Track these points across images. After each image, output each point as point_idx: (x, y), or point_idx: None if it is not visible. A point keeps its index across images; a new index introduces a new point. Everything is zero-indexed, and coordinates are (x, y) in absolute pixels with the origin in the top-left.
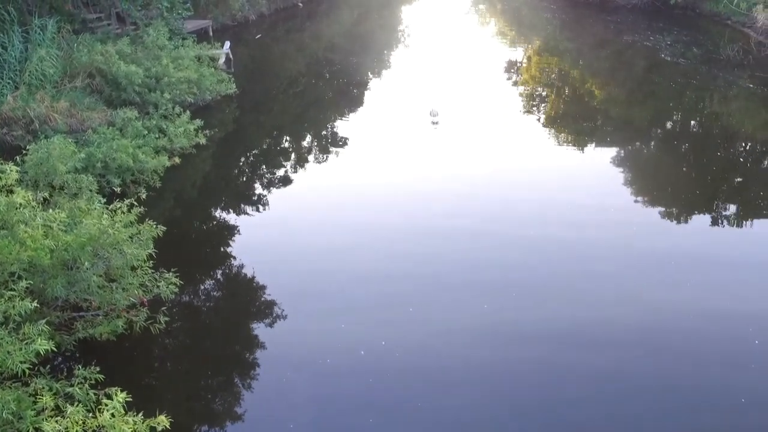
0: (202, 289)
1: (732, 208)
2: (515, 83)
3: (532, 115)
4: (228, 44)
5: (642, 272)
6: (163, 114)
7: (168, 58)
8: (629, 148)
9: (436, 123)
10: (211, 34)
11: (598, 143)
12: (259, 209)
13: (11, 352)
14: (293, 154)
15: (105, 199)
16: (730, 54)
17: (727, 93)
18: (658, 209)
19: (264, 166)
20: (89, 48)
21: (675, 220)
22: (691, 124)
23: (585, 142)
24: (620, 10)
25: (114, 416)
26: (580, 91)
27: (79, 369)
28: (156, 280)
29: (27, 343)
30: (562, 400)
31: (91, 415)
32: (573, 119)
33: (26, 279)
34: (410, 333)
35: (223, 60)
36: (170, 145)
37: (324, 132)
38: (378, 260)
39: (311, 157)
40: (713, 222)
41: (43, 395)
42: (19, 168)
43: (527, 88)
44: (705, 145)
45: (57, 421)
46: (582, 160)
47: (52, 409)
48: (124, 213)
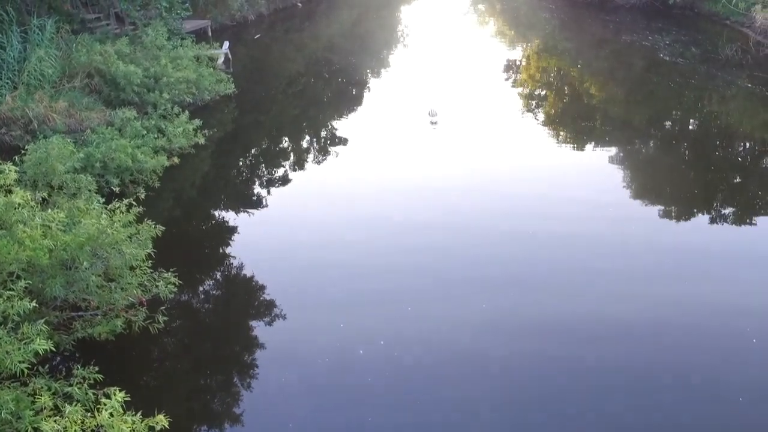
0: (200, 288)
1: (730, 206)
2: (514, 83)
3: (531, 114)
4: (227, 44)
5: (641, 270)
6: (162, 114)
7: (167, 58)
8: (628, 148)
9: (435, 123)
10: (210, 34)
11: (597, 142)
12: (257, 209)
13: (10, 351)
14: (292, 154)
15: (104, 199)
16: (729, 54)
17: (725, 93)
18: (657, 207)
19: (263, 165)
20: (88, 48)
21: (674, 218)
22: (690, 123)
23: (584, 142)
24: (619, 10)
25: (113, 416)
26: (579, 91)
27: (78, 369)
28: (155, 279)
29: (26, 343)
30: (562, 396)
31: (90, 414)
32: (572, 119)
33: (25, 279)
34: (409, 332)
35: (222, 60)
36: (169, 145)
37: (323, 132)
38: (376, 259)
39: (310, 157)
40: (711, 220)
41: (41, 395)
42: (17, 168)
43: (526, 88)
44: (703, 145)
45: (56, 421)
46: (581, 159)
47: (51, 409)
48: (123, 213)
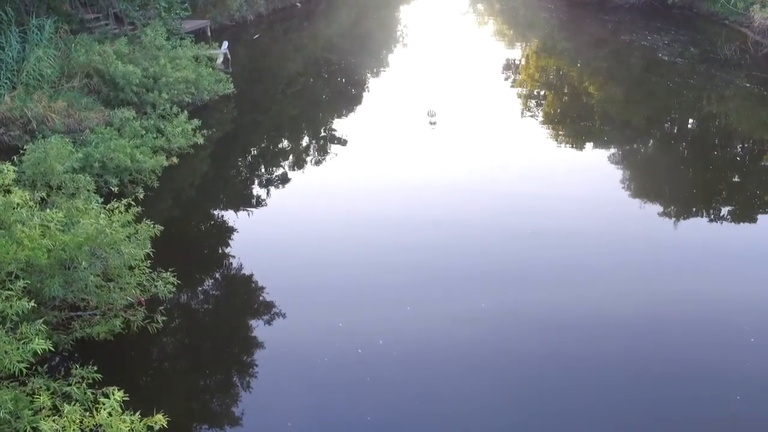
0: (199, 288)
1: (728, 204)
2: (513, 83)
3: (530, 114)
4: (226, 44)
5: (639, 267)
6: (161, 114)
7: (166, 58)
8: (627, 147)
9: (434, 123)
10: (209, 34)
11: (596, 142)
12: (256, 209)
13: (8, 351)
14: (291, 154)
15: (103, 199)
16: (728, 53)
17: (724, 92)
18: (655, 205)
19: (262, 165)
20: (87, 48)
21: (672, 216)
22: (688, 123)
23: (583, 141)
24: (618, 10)
25: (111, 415)
26: (578, 91)
27: (77, 368)
28: (153, 279)
29: (24, 343)
30: (562, 394)
31: (89, 414)
32: (571, 118)
33: (23, 278)
34: (408, 331)
35: (221, 60)
36: (168, 145)
37: (322, 132)
38: (375, 259)
39: (309, 157)
40: (709, 218)
41: (40, 394)
42: (16, 168)
43: (525, 88)
44: (702, 144)
45: (54, 420)
46: (580, 158)
47: (50, 409)
48: (122, 213)
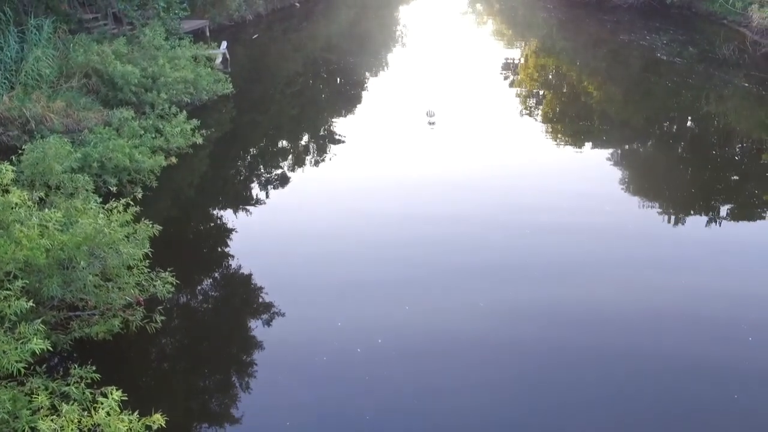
0: (198, 288)
1: (726, 203)
2: (512, 83)
3: (529, 114)
4: (225, 44)
5: (638, 266)
6: (160, 114)
7: (164, 58)
8: (626, 147)
9: (433, 123)
10: (208, 34)
11: (595, 142)
12: (255, 208)
13: (6, 351)
14: (290, 154)
15: (101, 199)
16: (726, 53)
17: (722, 92)
18: (655, 204)
19: (261, 166)
20: (85, 48)
21: (670, 215)
22: (687, 122)
23: (581, 141)
24: (617, 10)
25: (109, 415)
26: (577, 91)
27: (75, 368)
28: (152, 279)
29: (22, 343)
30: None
31: (87, 413)
32: (570, 118)
33: (22, 278)
34: (406, 331)
35: (219, 60)
36: (167, 145)
37: (321, 132)
38: (374, 259)
39: (307, 158)
40: (708, 217)
41: (38, 394)
42: (14, 168)
43: (524, 88)
44: (700, 144)
45: (53, 420)
46: (579, 157)
47: (48, 409)
48: (120, 212)
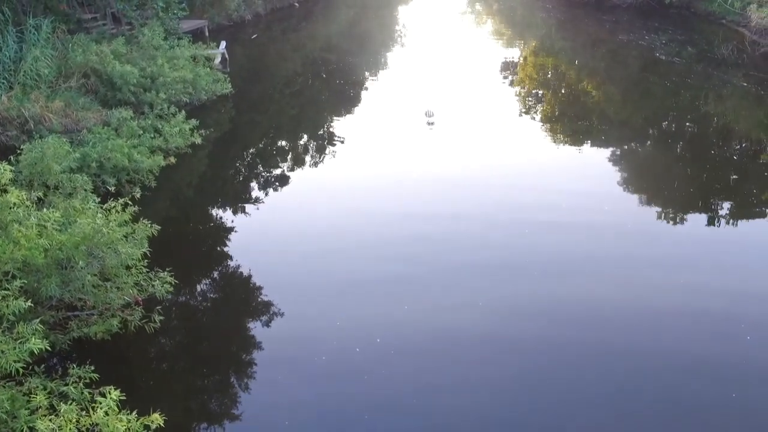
0: (197, 288)
1: (725, 203)
2: (511, 83)
3: (528, 114)
4: (224, 44)
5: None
6: (159, 114)
7: (163, 58)
8: (625, 146)
9: (432, 123)
10: (207, 34)
11: (594, 141)
12: (254, 208)
13: (5, 351)
14: (289, 154)
15: (100, 199)
16: (725, 53)
17: (721, 92)
18: (653, 203)
19: (259, 166)
20: (84, 48)
21: (669, 213)
22: (686, 122)
23: (580, 141)
24: (616, 10)
25: (108, 414)
26: (576, 90)
27: (74, 368)
28: (151, 279)
29: (21, 343)
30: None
31: (85, 413)
32: (569, 118)
33: (20, 278)
34: (405, 330)
35: (218, 60)
36: (166, 145)
37: (320, 132)
38: (372, 259)
39: (306, 158)
40: (706, 218)
41: (37, 394)
42: (13, 168)
43: (523, 88)
44: (699, 143)
45: (51, 420)
46: (577, 157)
47: (47, 408)
48: (119, 212)
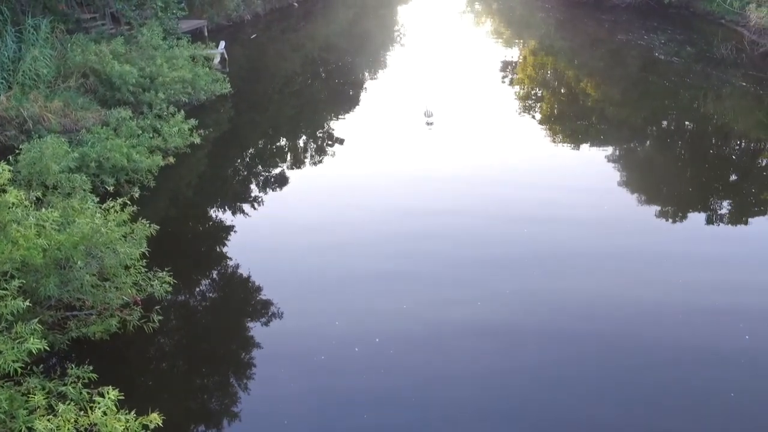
0: (196, 287)
1: (724, 204)
2: (510, 83)
3: (527, 114)
4: (223, 44)
5: (637, 268)
6: (158, 114)
7: (162, 57)
8: (624, 146)
9: (431, 123)
10: (206, 34)
11: (593, 141)
12: (253, 208)
13: (3, 351)
14: (288, 154)
15: (99, 199)
16: (724, 53)
17: (720, 91)
18: (652, 202)
19: (259, 165)
20: (83, 48)
21: (668, 215)
22: (685, 122)
23: (579, 141)
24: (615, 9)
25: (106, 414)
26: (575, 90)
27: (72, 368)
28: (149, 279)
29: (19, 342)
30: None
31: (83, 413)
32: (568, 118)
33: (19, 278)
34: (403, 330)
35: (218, 60)
36: (165, 145)
37: (319, 132)
38: (371, 259)
39: (305, 158)
40: (705, 217)
41: (35, 394)
42: (11, 167)
43: (522, 88)
44: (698, 143)
45: (49, 420)
46: (577, 157)
47: (45, 408)
48: (117, 212)
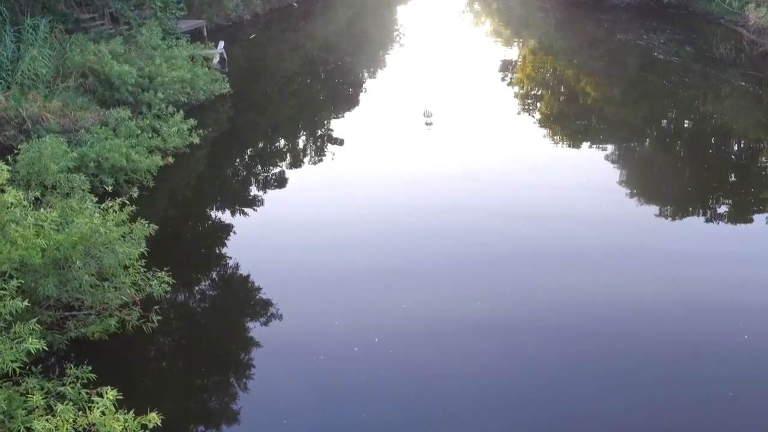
0: (195, 287)
1: (723, 203)
2: (510, 83)
3: (527, 114)
4: (222, 44)
5: (636, 267)
6: (157, 114)
7: (161, 57)
8: (623, 146)
9: (430, 123)
10: (206, 34)
11: (592, 141)
12: (252, 208)
13: (2, 351)
14: (287, 154)
15: (97, 199)
16: (723, 52)
17: (719, 91)
18: (652, 201)
19: (258, 165)
20: (82, 48)
21: (668, 215)
22: (684, 121)
23: (579, 140)
24: (614, 9)
25: (104, 414)
26: (575, 90)
27: (71, 368)
28: (149, 279)
29: (18, 342)
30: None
31: (82, 413)
32: (567, 117)
33: (17, 278)
34: (403, 330)
35: (217, 60)
36: (164, 145)
37: (318, 132)
38: (371, 258)
39: (305, 158)
40: (705, 217)
41: (34, 394)
42: (10, 167)
43: (522, 88)
44: (697, 143)
45: (47, 420)
46: (576, 157)
47: (44, 408)
48: (116, 212)
